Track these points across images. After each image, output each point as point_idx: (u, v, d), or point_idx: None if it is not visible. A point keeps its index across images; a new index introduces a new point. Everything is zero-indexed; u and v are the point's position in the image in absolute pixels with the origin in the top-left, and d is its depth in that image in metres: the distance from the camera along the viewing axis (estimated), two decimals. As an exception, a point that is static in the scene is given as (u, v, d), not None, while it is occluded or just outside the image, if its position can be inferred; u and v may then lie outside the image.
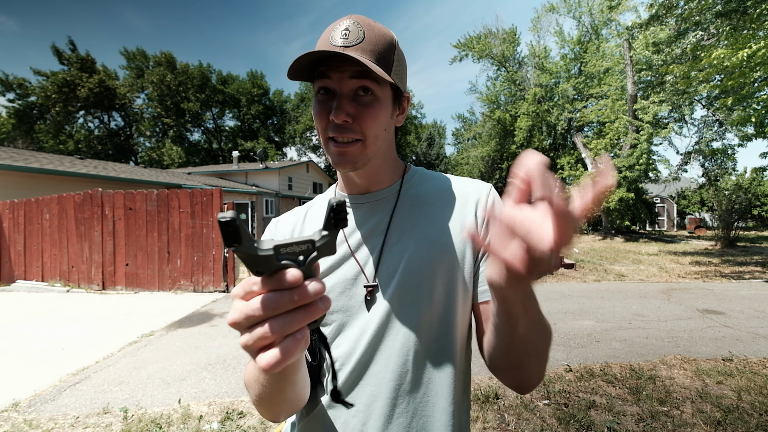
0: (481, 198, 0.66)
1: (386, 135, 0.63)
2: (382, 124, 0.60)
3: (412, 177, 0.71)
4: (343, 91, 0.57)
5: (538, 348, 0.52)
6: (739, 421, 2.40)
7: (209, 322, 5.04)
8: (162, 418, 2.62)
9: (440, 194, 0.68)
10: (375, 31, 0.57)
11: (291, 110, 40.32)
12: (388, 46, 0.58)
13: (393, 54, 0.59)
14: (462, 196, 0.67)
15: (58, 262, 7.77)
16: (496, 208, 0.64)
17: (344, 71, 0.56)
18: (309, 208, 0.75)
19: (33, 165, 9.73)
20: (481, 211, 0.65)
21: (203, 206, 6.96)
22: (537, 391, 2.89)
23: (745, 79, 6.78)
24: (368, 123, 0.58)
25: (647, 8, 9.09)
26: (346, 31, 0.56)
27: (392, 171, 0.70)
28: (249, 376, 0.53)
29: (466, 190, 0.68)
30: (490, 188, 0.68)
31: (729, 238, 13.08)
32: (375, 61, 0.56)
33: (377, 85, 0.58)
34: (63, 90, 29.96)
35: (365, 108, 0.58)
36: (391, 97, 0.61)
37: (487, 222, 0.63)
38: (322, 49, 0.53)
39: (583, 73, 21.34)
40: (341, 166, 0.60)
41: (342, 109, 0.56)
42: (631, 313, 5.10)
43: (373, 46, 0.56)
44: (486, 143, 26.74)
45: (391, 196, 0.68)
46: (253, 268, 0.31)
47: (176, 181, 13.70)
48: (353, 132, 0.58)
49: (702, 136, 15.89)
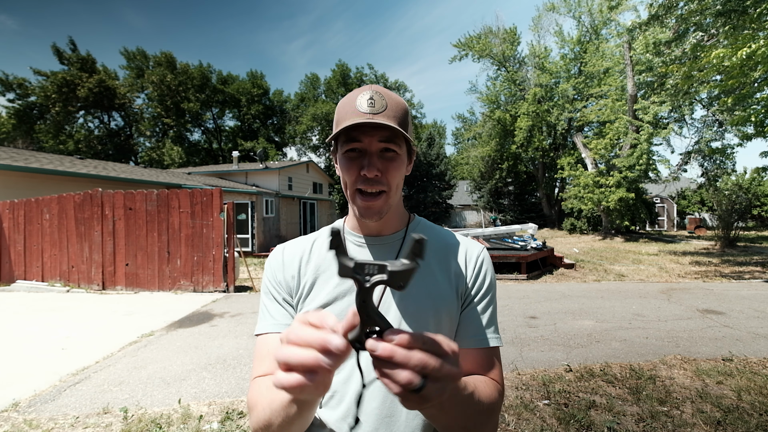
0: (472, 258, 0.75)
1: (401, 185, 0.73)
2: (402, 175, 0.71)
3: (416, 226, 0.80)
4: (373, 151, 0.67)
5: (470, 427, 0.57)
6: (739, 421, 2.40)
7: (209, 322, 5.04)
8: (162, 418, 2.62)
9: (439, 246, 0.75)
10: (393, 100, 0.67)
11: (291, 110, 40.25)
12: (405, 112, 0.69)
13: (407, 116, 0.70)
14: (459, 249, 0.76)
15: (58, 262, 7.77)
16: (482, 273, 0.73)
17: (374, 135, 0.66)
18: (315, 239, 0.80)
19: (33, 165, 9.72)
20: (471, 266, 0.74)
21: (203, 206, 6.96)
22: (537, 391, 2.89)
23: (745, 78, 6.78)
24: (392, 175, 0.68)
25: (647, 8, 9.09)
26: (372, 101, 0.65)
27: (400, 218, 0.78)
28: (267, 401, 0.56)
29: (462, 248, 0.76)
30: (482, 253, 0.77)
31: (729, 238, 13.07)
32: (397, 124, 0.66)
33: (397, 145, 0.68)
34: (63, 90, 29.94)
35: (390, 163, 0.68)
36: (406, 152, 0.71)
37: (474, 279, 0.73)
38: (357, 120, 0.64)
39: (583, 73, 21.33)
40: (369, 217, 0.70)
41: (374, 166, 0.66)
42: (631, 313, 5.10)
43: (394, 113, 0.67)
44: (486, 143, 26.74)
45: (396, 241, 0.76)
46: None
47: (176, 181, 13.69)
48: (381, 184, 0.68)
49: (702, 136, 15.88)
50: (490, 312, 0.71)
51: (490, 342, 0.69)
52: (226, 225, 6.97)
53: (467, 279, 0.72)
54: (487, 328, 0.70)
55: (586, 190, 16.34)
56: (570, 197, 17.69)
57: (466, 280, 0.72)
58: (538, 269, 8.48)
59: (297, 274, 0.74)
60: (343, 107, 0.68)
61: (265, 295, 0.75)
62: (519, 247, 9.12)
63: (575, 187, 17.19)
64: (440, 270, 0.72)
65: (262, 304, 0.75)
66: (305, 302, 0.71)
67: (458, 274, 0.72)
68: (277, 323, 0.70)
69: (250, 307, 5.79)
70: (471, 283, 0.72)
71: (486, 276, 0.73)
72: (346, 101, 0.68)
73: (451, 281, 0.71)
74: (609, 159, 16.51)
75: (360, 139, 0.66)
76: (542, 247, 8.97)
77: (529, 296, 6.24)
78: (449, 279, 0.72)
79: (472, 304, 0.71)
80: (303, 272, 0.74)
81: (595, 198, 15.77)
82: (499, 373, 0.69)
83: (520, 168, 27.57)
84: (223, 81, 39.06)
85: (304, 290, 0.72)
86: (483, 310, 0.71)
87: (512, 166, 26.92)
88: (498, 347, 0.71)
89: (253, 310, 5.59)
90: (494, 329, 0.71)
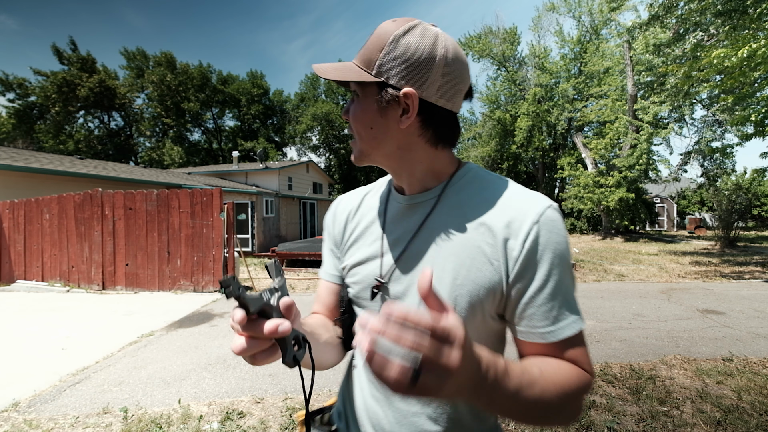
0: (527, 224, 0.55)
1: (380, 135, 0.60)
2: (365, 122, 0.61)
3: (458, 180, 0.64)
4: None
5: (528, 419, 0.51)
6: (739, 421, 2.39)
7: (209, 322, 5.04)
8: (162, 418, 2.62)
9: (480, 206, 0.59)
10: (377, 33, 0.58)
11: (291, 110, 40.27)
12: (377, 46, 0.57)
13: (379, 51, 0.56)
14: (504, 215, 0.57)
15: (58, 262, 7.77)
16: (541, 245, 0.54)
17: None
18: (367, 192, 0.78)
19: (33, 165, 9.73)
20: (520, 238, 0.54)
21: (203, 206, 6.96)
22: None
23: (745, 78, 6.78)
24: (351, 119, 0.63)
25: (647, 8, 9.09)
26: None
27: (428, 177, 0.65)
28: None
29: (514, 209, 0.57)
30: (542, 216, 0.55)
31: (729, 238, 13.08)
32: (360, 62, 0.59)
33: (359, 86, 0.60)
34: (63, 90, 29.94)
35: (350, 106, 0.64)
36: (374, 95, 0.58)
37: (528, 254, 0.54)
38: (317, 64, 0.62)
39: (583, 73, 21.34)
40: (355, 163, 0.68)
41: (345, 108, 0.65)
42: (631, 313, 5.10)
43: (366, 49, 0.59)
44: (486, 143, 26.72)
45: (429, 200, 0.64)
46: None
47: (176, 181, 13.69)
48: (351, 129, 0.64)
49: (702, 136, 15.89)
50: (552, 289, 0.54)
51: (562, 333, 0.54)
52: (226, 225, 6.97)
53: (515, 253, 0.55)
54: (553, 316, 0.54)
55: (586, 190, 16.35)
56: (570, 197, 17.69)
57: (513, 255, 0.55)
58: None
59: (343, 228, 0.76)
60: None
61: (323, 243, 0.82)
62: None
63: (575, 187, 17.20)
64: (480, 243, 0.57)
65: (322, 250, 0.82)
66: (346, 255, 0.73)
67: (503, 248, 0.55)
68: (326, 272, 0.78)
69: (250, 307, 5.78)
70: (521, 258, 0.54)
71: (546, 247, 0.54)
72: None
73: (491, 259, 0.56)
74: (609, 159, 16.53)
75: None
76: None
77: (529, 296, 6.23)
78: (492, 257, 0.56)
79: (526, 286, 0.55)
80: (348, 227, 0.75)
81: (595, 198, 15.78)
82: (581, 354, 0.56)
83: (520, 168, 27.56)
84: (223, 81, 39.07)
85: (346, 244, 0.74)
86: (539, 289, 0.54)
87: (512, 166, 26.91)
88: (576, 334, 0.55)
89: (253, 310, 5.59)
90: (567, 312, 0.54)
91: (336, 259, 0.77)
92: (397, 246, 0.65)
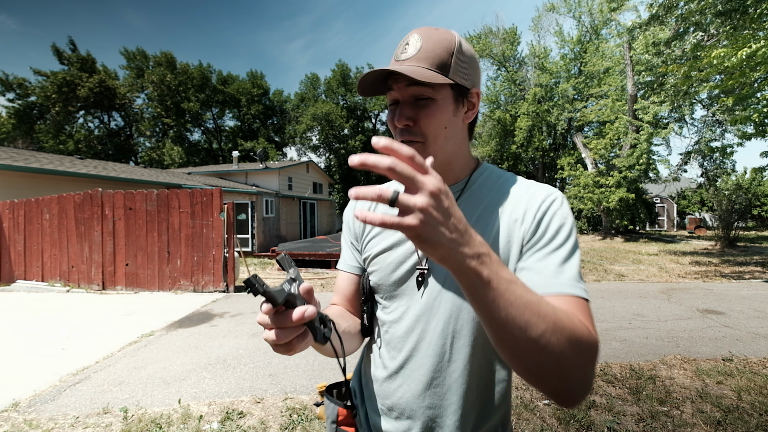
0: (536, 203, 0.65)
1: (450, 133, 0.66)
2: (442, 123, 0.64)
3: (479, 176, 0.73)
4: (404, 99, 0.64)
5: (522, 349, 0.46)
6: (739, 421, 2.39)
7: (209, 322, 5.04)
8: (162, 418, 2.62)
9: (499, 197, 0.69)
10: (432, 39, 0.63)
11: (291, 110, 40.23)
12: (445, 50, 0.62)
13: (450, 56, 0.63)
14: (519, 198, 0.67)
15: (58, 262, 7.77)
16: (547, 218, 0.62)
17: (401, 82, 0.63)
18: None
19: (33, 165, 9.72)
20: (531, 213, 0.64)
21: (203, 206, 6.96)
22: (537, 390, 2.89)
23: (745, 78, 6.78)
24: (425, 123, 0.63)
25: (647, 8, 9.09)
26: (407, 45, 0.64)
27: (461, 168, 0.73)
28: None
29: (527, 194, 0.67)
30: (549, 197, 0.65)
31: (729, 238, 13.08)
32: (431, 66, 0.62)
33: (431, 89, 0.63)
34: (63, 90, 29.92)
35: (422, 110, 0.63)
36: (452, 96, 0.65)
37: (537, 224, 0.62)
38: (379, 68, 0.61)
39: (583, 73, 21.34)
40: None
41: (402, 115, 0.64)
42: (631, 313, 5.10)
43: (428, 53, 0.62)
44: (486, 143, 26.70)
45: (455, 192, 0.71)
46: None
47: (176, 181, 13.69)
48: (413, 134, 0.64)
49: (702, 136, 15.90)
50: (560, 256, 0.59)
51: (566, 289, 0.55)
52: (226, 225, 6.97)
53: (525, 225, 0.63)
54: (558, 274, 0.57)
55: (586, 190, 16.34)
56: (570, 197, 17.68)
57: (524, 227, 0.63)
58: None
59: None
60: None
61: (342, 237, 0.86)
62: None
63: (575, 187, 17.20)
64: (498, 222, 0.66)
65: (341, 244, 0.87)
66: (368, 246, 0.78)
67: (515, 222, 0.64)
68: (344, 263, 0.83)
69: (250, 307, 5.79)
70: (531, 228, 0.62)
71: (549, 220, 0.62)
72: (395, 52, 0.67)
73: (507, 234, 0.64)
74: (609, 159, 16.52)
75: (392, 87, 0.65)
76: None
77: (529, 296, 6.23)
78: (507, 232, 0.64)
79: (536, 250, 0.61)
80: None
81: (595, 198, 15.78)
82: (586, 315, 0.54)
83: (520, 168, 27.55)
84: (223, 81, 39.04)
85: (367, 236, 0.78)
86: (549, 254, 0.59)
87: (512, 166, 26.90)
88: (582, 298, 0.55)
89: (253, 310, 5.59)
90: (572, 276, 0.57)
91: (356, 251, 0.82)
92: None
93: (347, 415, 0.79)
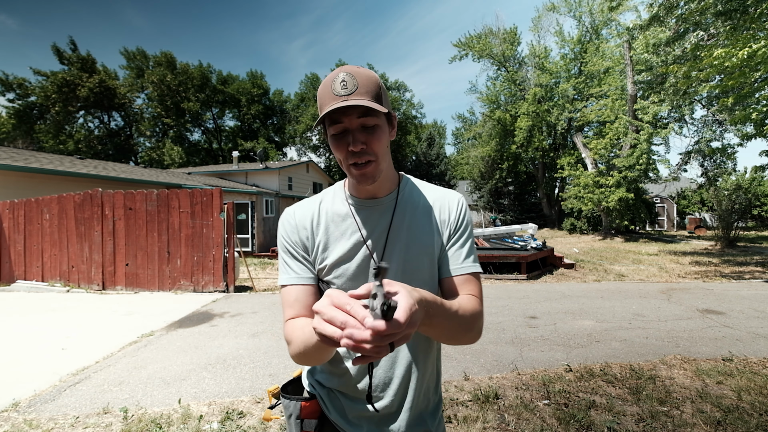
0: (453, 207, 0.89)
1: (387, 150, 0.82)
2: (384, 143, 0.78)
3: (405, 185, 0.91)
4: (354, 127, 0.75)
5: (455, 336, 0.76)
6: (739, 421, 2.39)
7: (209, 322, 5.04)
8: (162, 418, 2.62)
9: (426, 200, 0.90)
10: (363, 77, 0.74)
11: (291, 110, 40.20)
12: (376, 85, 0.75)
13: (380, 89, 0.76)
14: (441, 202, 0.90)
15: (58, 262, 7.77)
16: (461, 216, 0.88)
17: (351, 114, 0.74)
18: (321, 200, 0.91)
19: (33, 165, 9.72)
20: (453, 214, 0.88)
21: (203, 206, 6.96)
22: (537, 391, 2.89)
23: (745, 78, 6.78)
24: (375, 145, 0.76)
25: (647, 8, 9.09)
26: (344, 83, 0.72)
27: (391, 180, 0.88)
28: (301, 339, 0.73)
29: (445, 198, 0.91)
30: (460, 200, 0.91)
31: (729, 238, 13.07)
32: (371, 99, 0.74)
33: (376, 117, 0.75)
34: (63, 90, 29.92)
35: (371, 135, 0.76)
36: (385, 121, 0.79)
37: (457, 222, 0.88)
38: (333, 103, 0.72)
39: (583, 73, 21.34)
40: (364, 183, 0.79)
41: (357, 140, 0.75)
42: (631, 313, 5.10)
43: (366, 89, 0.74)
44: (486, 143, 26.71)
45: (391, 201, 0.87)
46: None
47: (176, 181, 13.69)
48: (368, 155, 0.76)
49: (702, 136, 15.89)
50: (468, 245, 0.87)
51: (471, 269, 0.85)
52: (226, 225, 6.97)
53: (450, 223, 0.87)
54: (466, 259, 0.86)
55: (586, 190, 16.34)
56: (570, 197, 17.69)
57: (449, 224, 0.87)
58: (538, 269, 8.48)
59: (311, 235, 0.86)
60: (322, 93, 0.76)
61: (284, 253, 0.88)
62: (519, 247, 9.12)
63: (575, 187, 17.19)
64: (429, 223, 0.87)
65: (282, 260, 0.88)
66: (319, 259, 0.85)
67: (443, 222, 0.87)
68: (298, 276, 0.85)
69: (250, 307, 5.79)
70: (454, 226, 0.87)
71: (464, 218, 0.88)
72: (324, 87, 0.75)
73: (437, 230, 0.87)
74: (609, 159, 16.51)
75: (341, 120, 0.74)
76: (542, 247, 8.97)
77: (529, 296, 6.24)
78: (437, 229, 0.87)
79: (456, 242, 0.86)
80: (315, 233, 0.86)
81: (595, 198, 15.77)
82: (478, 290, 0.85)
83: (520, 168, 27.56)
84: (223, 81, 39.02)
85: (318, 248, 0.85)
86: (463, 244, 0.87)
87: (512, 166, 26.90)
88: (477, 272, 0.86)
89: (253, 310, 5.59)
90: (473, 259, 0.86)
91: (308, 263, 0.86)
92: (380, 238, 0.84)
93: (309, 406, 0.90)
